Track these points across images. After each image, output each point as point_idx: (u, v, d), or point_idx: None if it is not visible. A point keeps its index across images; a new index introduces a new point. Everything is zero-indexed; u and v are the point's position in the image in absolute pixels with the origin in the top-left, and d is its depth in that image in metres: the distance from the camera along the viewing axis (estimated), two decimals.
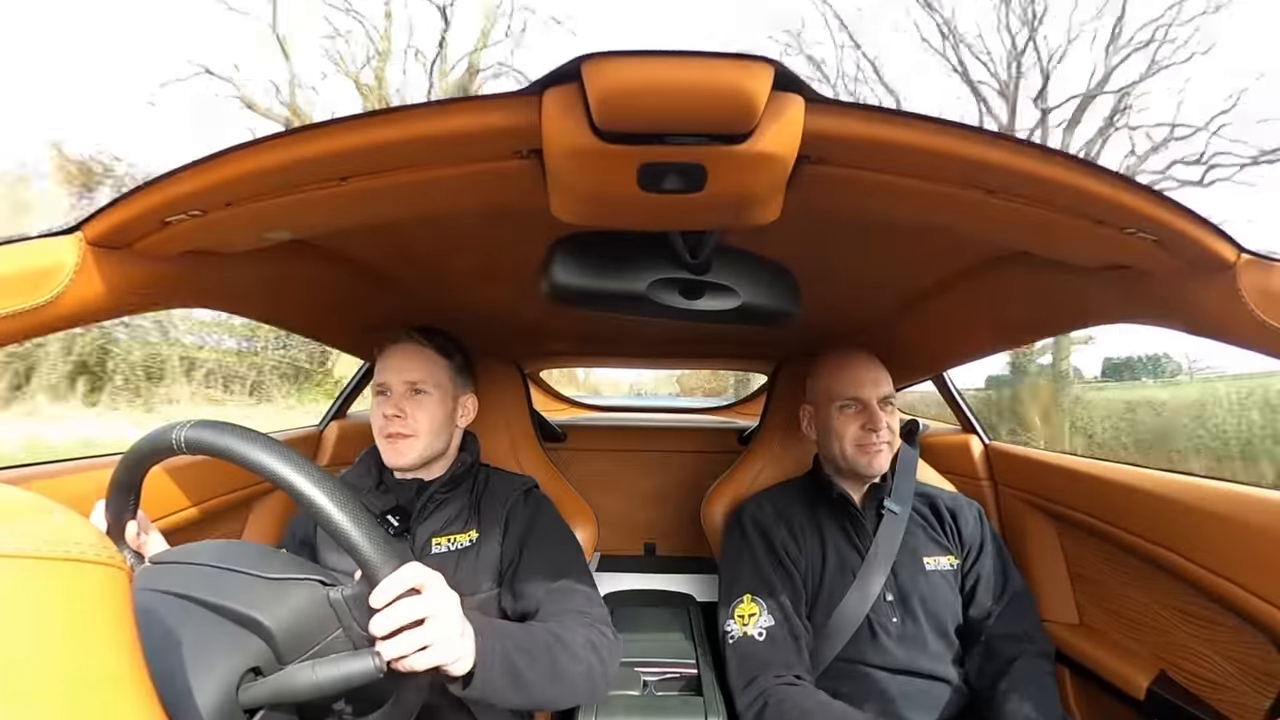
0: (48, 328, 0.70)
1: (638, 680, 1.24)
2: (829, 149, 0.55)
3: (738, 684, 1.09)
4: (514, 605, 1.04)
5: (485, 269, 1.11)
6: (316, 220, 0.73)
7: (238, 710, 0.55)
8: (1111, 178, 0.57)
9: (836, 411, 1.22)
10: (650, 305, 0.73)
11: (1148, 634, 1.18)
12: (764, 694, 1.04)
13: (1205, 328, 0.78)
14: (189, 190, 0.62)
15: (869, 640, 1.13)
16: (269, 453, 0.58)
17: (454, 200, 0.68)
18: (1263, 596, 0.93)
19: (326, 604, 0.65)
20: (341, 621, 0.65)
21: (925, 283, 1.16)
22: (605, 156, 0.51)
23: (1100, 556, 1.29)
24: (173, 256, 0.77)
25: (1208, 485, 1.06)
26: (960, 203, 0.63)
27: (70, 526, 0.38)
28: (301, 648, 0.62)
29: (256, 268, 0.90)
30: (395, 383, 1.09)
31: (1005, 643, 1.12)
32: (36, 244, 0.67)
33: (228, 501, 1.25)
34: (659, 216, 0.62)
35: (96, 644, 0.37)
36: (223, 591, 0.61)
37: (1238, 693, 1.00)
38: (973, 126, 0.53)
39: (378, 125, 0.54)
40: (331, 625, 0.64)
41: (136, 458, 0.65)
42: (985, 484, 1.60)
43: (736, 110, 0.47)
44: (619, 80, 0.45)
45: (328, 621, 0.64)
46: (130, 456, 0.66)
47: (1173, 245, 0.67)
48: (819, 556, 1.20)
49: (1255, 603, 0.94)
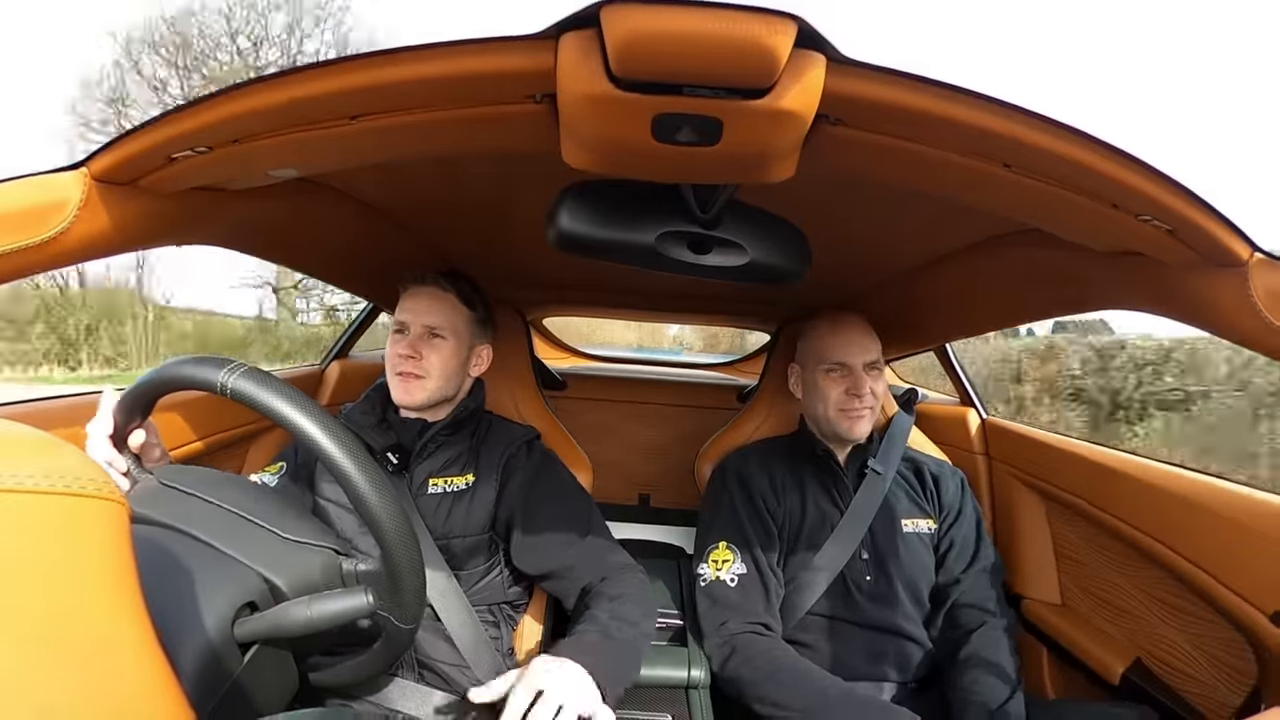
0: (53, 263, 0.70)
1: None
2: (848, 110, 0.54)
3: (707, 627, 1.12)
4: (537, 563, 1.07)
5: (493, 213, 1.10)
6: (324, 159, 0.72)
7: (232, 644, 0.57)
8: (1133, 163, 0.56)
9: (823, 374, 1.23)
10: (657, 257, 0.73)
11: (1127, 620, 1.20)
12: (732, 639, 1.08)
13: (1210, 323, 0.78)
14: (196, 126, 0.61)
15: (842, 596, 1.17)
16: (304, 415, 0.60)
17: (464, 143, 0.67)
18: (1242, 595, 0.95)
19: (338, 575, 0.67)
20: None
21: (934, 252, 1.15)
22: (620, 105, 0.50)
23: (1087, 539, 1.31)
24: (178, 193, 0.76)
25: (1201, 480, 1.07)
26: (976, 174, 0.62)
27: (70, 460, 0.39)
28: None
29: (262, 205, 0.89)
30: (414, 324, 1.10)
31: (968, 612, 1.15)
32: (41, 179, 0.66)
33: (230, 436, 1.27)
34: (671, 168, 0.61)
35: (92, 576, 0.38)
36: (237, 541, 0.63)
37: (1211, 687, 1.03)
38: (995, 98, 0.51)
39: (390, 64, 0.53)
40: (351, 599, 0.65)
41: (171, 378, 0.66)
42: (980, 458, 1.62)
43: (756, 65, 0.46)
44: (638, 28, 0.44)
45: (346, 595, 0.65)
46: (167, 373, 0.66)
47: (1187, 236, 0.66)
48: (799, 509, 1.23)
49: (1235, 600, 0.95)
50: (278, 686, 0.63)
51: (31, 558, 0.36)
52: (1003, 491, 1.53)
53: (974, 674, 1.05)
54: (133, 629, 0.41)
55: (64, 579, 0.37)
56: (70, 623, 0.37)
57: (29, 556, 0.35)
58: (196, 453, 1.18)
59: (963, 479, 1.31)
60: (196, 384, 0.64)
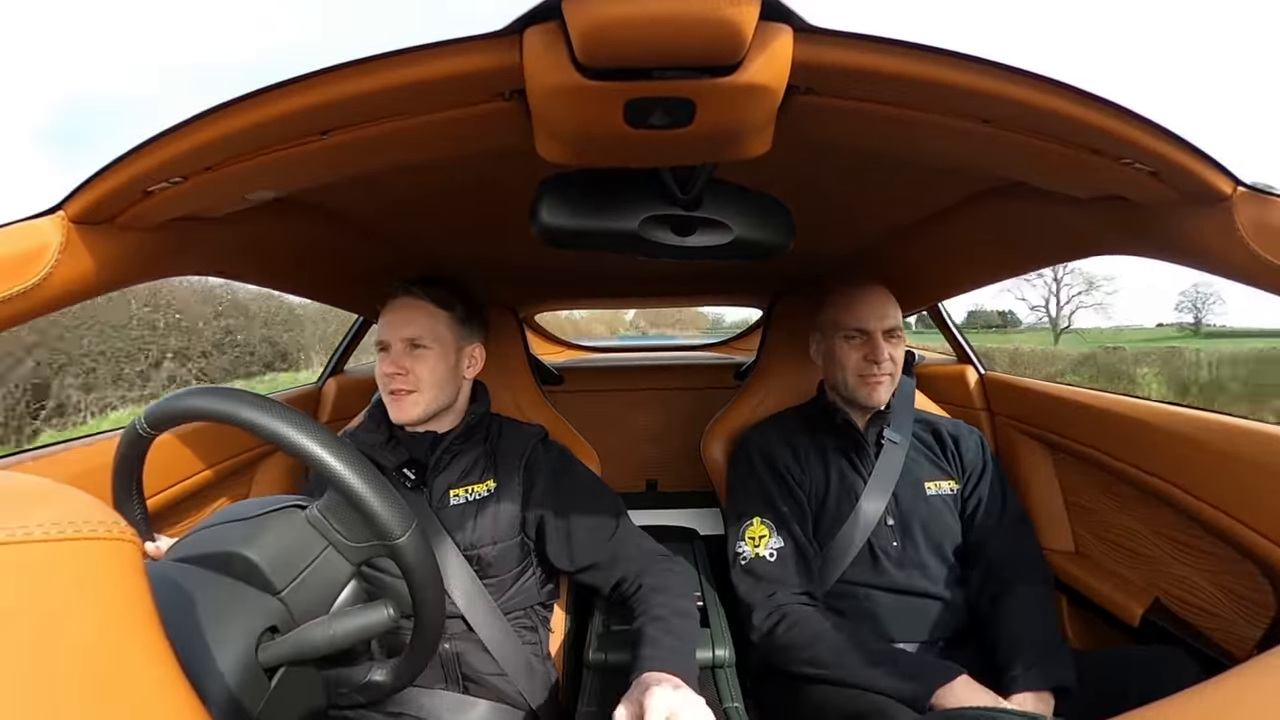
0: (39, 310, 0.70)
1: None
2: (819, 79, 0.54)
3: (754, 600, 1.13)
4: (576, 558, 1.08)
5: (474, 215, 1.09)
6: (300, 177, 0.72)
7: (259, 670, 0.57)
8: (1109, 107, 0.56)
9: (841, 341, 1.23)
10: (642, 243, 0.72)
11: (1142, 563, 1.21)
12: (781, 608, 1.09)
13: (1200, 260, 0.78)
14: (167, 157, 0.61)
15: (869, 563, 1.17)
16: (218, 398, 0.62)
17: (438, 147, 0.66)
18: (1256, 529, 0.95)
19: (306, 525, 0.67)
20: (326, 538, 0.67)
21: (920, 213, 1.14)
22: (590, 94, 0.50)
23: (1096, 486, 1.32)
24: (158, 226, 0.76)
25: (1204, 416, 1.08)
26: (954, 132, 0.62)
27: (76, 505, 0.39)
28: (291, 571, 0.64)
29: (244, 230, 0.89)
30: (394, 339, 1.08)
31: (1004, 564, 1.15)
32: (19, 227, 0.66)
33: (232, 465, 1.27)
34: (648, 153, 0.61)
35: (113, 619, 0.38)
36: (213, 545, 0.63)
37: (1230, 622, 1.04)
38: (966, 54, 0.51)
39: (354, 76, 0.52)
40: (317, 543, 0.67)
41: (124, 445, 0.69)
42: (982, 414, 1.62)
43: (723, 42, 0.45)
44: (601, 15, 0.44)
45: (312, 541, 0.67)
46: (121, 444, 0.69)
47: (1169, 177, 0.66)
48: (823, 479, 1.23)
49: (1248, 534, 0.96)
50: (307, 705, 0.64)
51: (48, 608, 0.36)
52: (1007, 445, 1.54)
53: (1015, 623, 1.06)
54: (157, 665, 0.41)
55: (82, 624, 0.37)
56: (93, 666, 0.37)
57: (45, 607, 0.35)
58: (206, 482, 1.18)
59: (980, 437, 1.31)
60: (125, 451, 0.68)
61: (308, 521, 0.67)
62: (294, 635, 0.60)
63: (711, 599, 1.22)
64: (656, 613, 0.93)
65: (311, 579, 0.65)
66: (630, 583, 1.03)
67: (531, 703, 1.05)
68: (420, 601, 0.69)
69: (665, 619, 0.92)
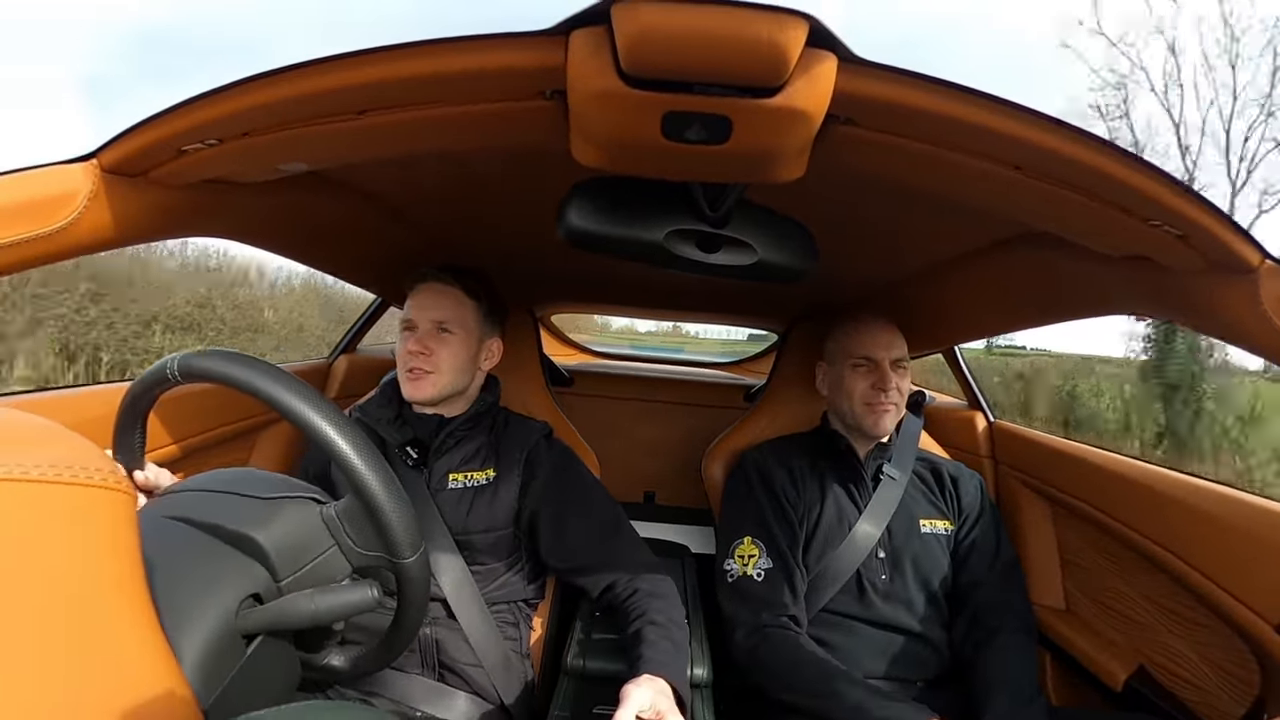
0: (61, 254, 0.70)
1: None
2: (859, 110, 0.54)
3: (738, 618, 1.12)
4: (567, 557, 1.08)
5: (502, 209, 1.10)
6: (333, 153, 0.72)
7: (236, 635, 0.57)
8: (1144, 167, 0.56)
9: (849, 369, 1.23)
10: (666, 255, 0.72)
11: (1131, 627, 1.19)
12: (763, 629, 1.08)
13: (1220, 330, 0.77)
14: (206, 119, 0.61)
15: (856, 594, 1.16)
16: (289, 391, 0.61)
17: (473, 138, 0.67)
18: (1248, 604, 0.94)
19: (319, 521, 0.67)
20: (335, 538, 0.67)
21: (943, 253, 1.14)
22: (630, 102, 0.50)
23: (1092, 545, 1.31)
24: (187, 185, 0.77)
25: (1208, 487, 1.06)
26: (987, 177, 0.62)
27: (77, 450, 0.39)
28: (296, 564, 0.64)
29: (271, 199, 0.90)
30: (422, 320, 1.10)
31: (990, 612, 1.14)
32: (50, 170, 0.66)
33: (235, 429, 1.28)
34: (681, 166, 0.61)
35: (99, 566, 0.38)
36: (219, 513, 0.63)
37: (1215, 696, 1.02)
38: (1006, 100, 0.51)
39: (397, 59, 0.53)
40: (325, 541, 0.67)
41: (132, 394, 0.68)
42: (986, 461, 1.61)
43: (767, 64, 0.45)
44: (649, 25, 0.44)
45: (321, 538, 0.67)
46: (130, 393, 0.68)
47: (1197, 242, 0.65)
48: (818, 504, 1.23)
49: (1239, 609, 0.95)
50: (281, 678, 0.64)
51: (37, 547, 0.36)
52: (1009, 495, 1.52)
53: (994, 672, 1.05)
54: (137, 616, 0.41)
55: (70, 568, 0.37)
56: (75, 610, 0.37)
57: (35, 546, 0.36)
58: (205, 443, 1.18)
59: (980, 482, 1.30)
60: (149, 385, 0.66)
61: (322, 518, 0.67)
62: (275, 605, 0.60)
63: (695, 617, 1.20)
64: (655, 618, 0.93)
65: (311, 575, 0.65)
66: (623, 587, 1.02)
67: (505, 698, 1.04)
68: (402, 618, 0.70)
69: (664, 625, 0.92)
